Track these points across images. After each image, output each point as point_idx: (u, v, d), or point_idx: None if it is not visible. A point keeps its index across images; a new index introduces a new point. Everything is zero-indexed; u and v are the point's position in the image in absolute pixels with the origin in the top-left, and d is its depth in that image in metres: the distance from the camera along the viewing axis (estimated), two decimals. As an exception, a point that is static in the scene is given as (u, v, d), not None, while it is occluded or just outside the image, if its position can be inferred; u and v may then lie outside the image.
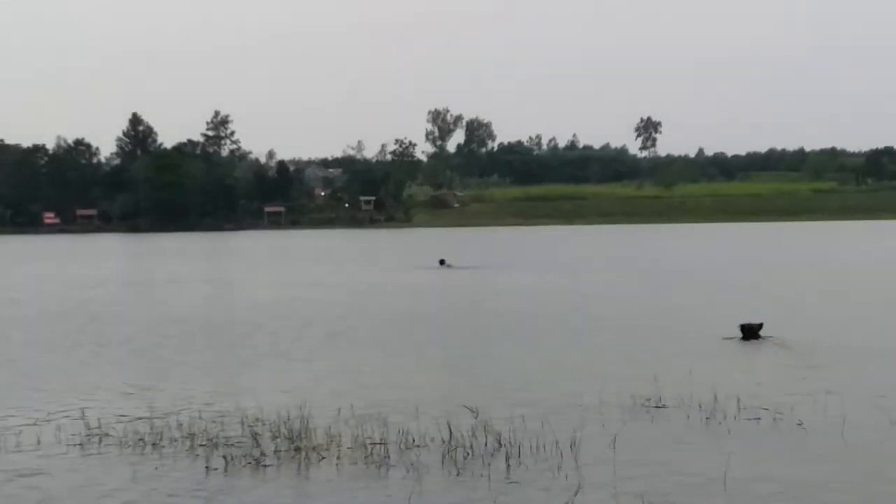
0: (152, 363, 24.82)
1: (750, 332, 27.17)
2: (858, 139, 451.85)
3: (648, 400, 18.40)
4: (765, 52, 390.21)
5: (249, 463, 14.63)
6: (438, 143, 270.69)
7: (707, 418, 17.05)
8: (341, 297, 43.44)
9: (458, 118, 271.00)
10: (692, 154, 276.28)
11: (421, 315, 35.35)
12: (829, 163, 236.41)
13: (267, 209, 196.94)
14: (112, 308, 40.16)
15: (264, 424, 16.75)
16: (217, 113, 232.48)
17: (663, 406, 18.04)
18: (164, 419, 17.50)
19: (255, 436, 15.89)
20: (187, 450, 15.48)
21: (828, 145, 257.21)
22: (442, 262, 63.76)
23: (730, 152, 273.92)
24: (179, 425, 16.82)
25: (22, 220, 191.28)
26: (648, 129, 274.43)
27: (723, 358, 24.22)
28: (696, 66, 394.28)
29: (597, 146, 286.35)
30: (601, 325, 31.05)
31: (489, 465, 14.34)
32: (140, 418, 17.72)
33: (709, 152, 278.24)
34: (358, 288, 48.33)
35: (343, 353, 25.87)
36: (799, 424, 16.48)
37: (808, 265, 59.61)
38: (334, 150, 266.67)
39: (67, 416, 18.06)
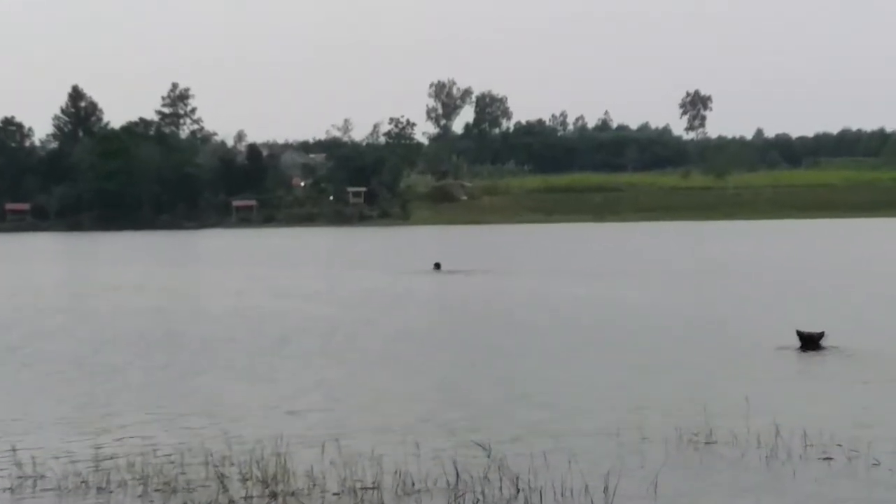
0: (96, 388, 24.82)
1: (809, 341, 27.65)
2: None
3: (696, 434, 18.39)
4: (833, 9, 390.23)
5: (214, 511, 14.63)
6: (442, 122, 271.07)
7: (767, 457, 17.04)
8: (322, 308, 43.46)
9: (467, 92, 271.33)
10: (749, 136, 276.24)
11: (418, 329, 35.36)
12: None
13: (235, 203, 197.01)
14: (47, 321, 40.20)
15: (233, 464, 16.74)
16: (175, 86, 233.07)
17: (714, 441, 18.03)
18: (112, 457, 17.49)
19: (221, 478, 15.88)
20: (139, 495, 15.48)
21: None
22: (437, 265, 64.23)
23: (794, 133, 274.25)
24: (130, 465, 16.81)
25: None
26: (696, 105, 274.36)
27: (784, 380, 24.23)
28: (749, 30, 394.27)
29: (634, 126, 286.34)
30: (638, 341, 31.05)
31: (504, 513, 14.33)
32: (82, 456, 17.72)
33: (769, 134, 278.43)
34: (342, 297, 48.39)
35: (325, 377, 25.87)
36: (875, 464, 16.47)
37: (889, 270, 59.49)
38: (316, 132, 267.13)
39: (-5, 454, 18.07)
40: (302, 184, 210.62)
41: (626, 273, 60.74)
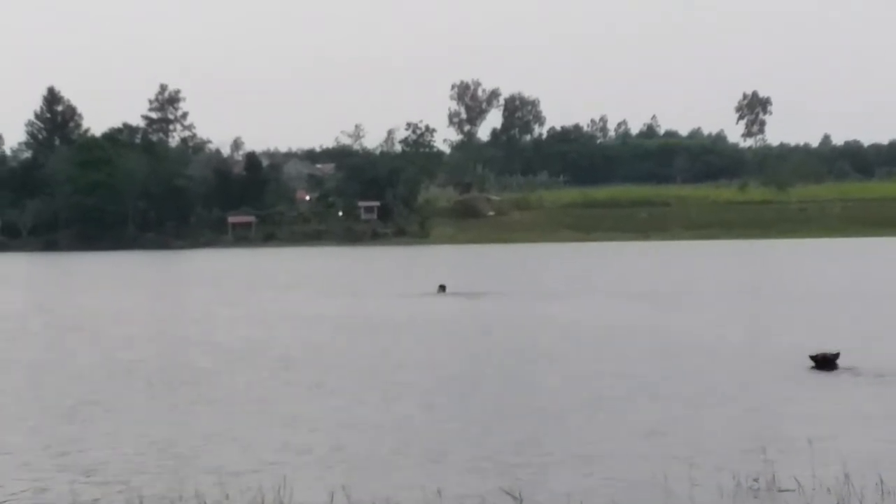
0: (74, 426, 24.83)
1: (825, 362, 29.59)
2: None
3: (756, 480, 18.33)
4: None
5: (208, 565, 14.65)
6: (466, 128, 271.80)
7: (838, 505, 17.00)
8: (327, 336, 43.55)
9: (494, 94, 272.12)
10: (814, 143, 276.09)
11: (431, 361, 35.35)
12: None
13: (231, 219, 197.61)
14: (18, 352, 40.32)
15: (228, 513, 16.76)
16: (164, 88, 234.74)
17: (778, 489, 17.96)
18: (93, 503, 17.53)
19: (215, 528, 15.89)
20: (123, 547, 15.50)
21: None
22: (442, 287, 64.86)
23: (866, 140, 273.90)
24: (112, 513, 16.85)
25: None
26: (754, 108, 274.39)
27: (852, 417, 24.11)
28: (813, 25, 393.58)
29: (684, 132, 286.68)
30: (682, 375, 30.95)
31: (536, 568, 14.32)
32: (60, 503, 17.72)
33: (837, 141, 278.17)
34: (348, 323, 48.47)
35: (330, 413, 25.86)
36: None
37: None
38: (324, 139, 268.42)
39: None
40: (307, 197, 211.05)
41: (670, 298, 60.57)
